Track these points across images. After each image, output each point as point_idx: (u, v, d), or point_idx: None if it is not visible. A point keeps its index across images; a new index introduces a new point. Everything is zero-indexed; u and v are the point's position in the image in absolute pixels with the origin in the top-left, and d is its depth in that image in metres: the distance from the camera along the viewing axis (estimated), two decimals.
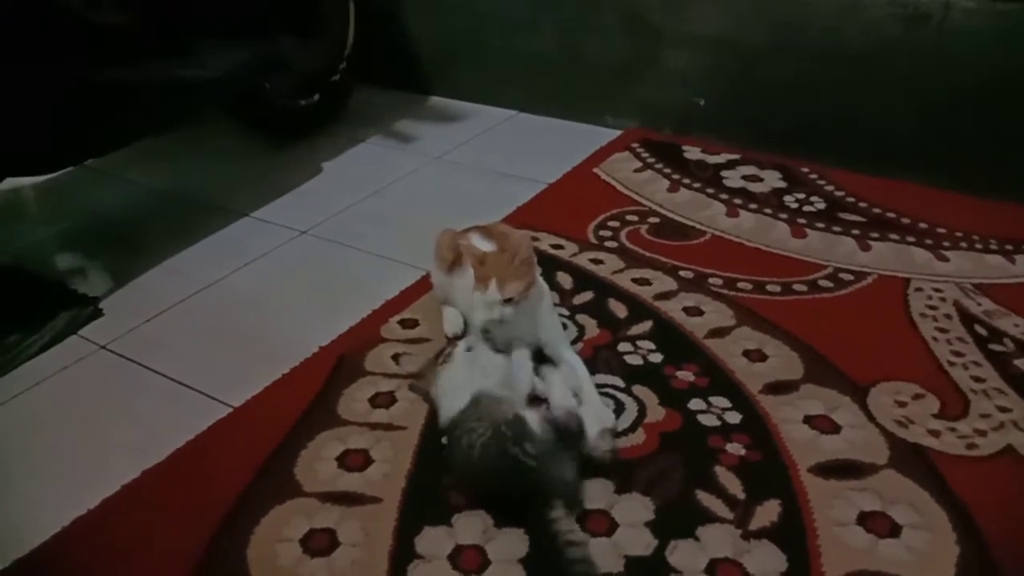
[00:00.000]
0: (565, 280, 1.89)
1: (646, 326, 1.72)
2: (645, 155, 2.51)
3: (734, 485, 1.32)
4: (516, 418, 1.28)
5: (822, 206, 2.19)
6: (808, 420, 1.46)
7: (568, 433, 1.30)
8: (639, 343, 1.67)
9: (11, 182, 2.44)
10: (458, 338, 1.66)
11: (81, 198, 2.49)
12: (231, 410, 1.54)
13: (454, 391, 1.39)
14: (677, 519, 1.26)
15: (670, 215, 2.17)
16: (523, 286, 1.45)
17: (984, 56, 2.12)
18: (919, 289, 1.83)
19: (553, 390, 1.48)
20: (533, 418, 1.30)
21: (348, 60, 2.80)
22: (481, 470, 1.27)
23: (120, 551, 1.27)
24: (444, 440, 1.38)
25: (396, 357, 1.65)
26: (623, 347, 1.66)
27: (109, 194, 2.51)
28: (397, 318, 1.78)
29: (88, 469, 1.44)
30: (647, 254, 1.99)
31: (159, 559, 1.25)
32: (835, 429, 1.44)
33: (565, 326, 1.70)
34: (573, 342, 1.66)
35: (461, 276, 1.64)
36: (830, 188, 2.28)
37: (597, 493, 1.31)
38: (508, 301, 1.44)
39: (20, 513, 1.36)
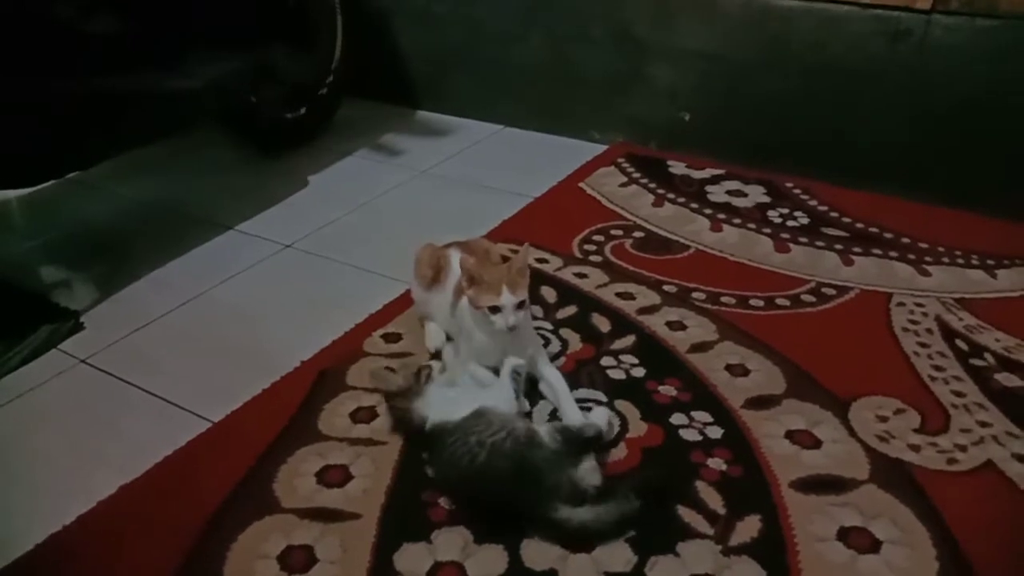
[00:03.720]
0: (549, 294, 1.89)
1: (629, 340, 1.72)
2: (630, 170, 2.52)
3: (715, 500, 1.32)
4: (530, 430, 1.32)
5: (805, 221, 2.20)
6: (790, 435, 1.46)
7: (583, 439, 1.34)
8: (622, 357, 1.67)
9: None
10: (439, 352, 1.66)
11: (65, 210, 2.48)
12: (211, 425, 1.53)
13: (450, 402, 1.39)
14: (657, 535, 1.26)
15: (655, 229, 2.18)
16: (526, 291, 1.47)
17: (966, 72, 2.14)
18: (901, 304, 1.83)
19: (562, 402, 1.49)
20: (545, 430, 1.33)
21: (335, 73, 2.80)
22: (486, 470, 1.26)
23: (96, 567, 1.26)
24: (430, 448, 1.38)
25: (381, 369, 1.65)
26: (606, 361, 1.66)
27: (93, 206, 2.50)
28: (380, 332, 1.77)
29: (65, 484, 1.43)
30: (631, 268, 2.00)
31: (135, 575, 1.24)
32: (816, 444, 1.44)
33: (548, 341, 1.70)
34: (556, 356, 1.66)
35: (441, 292, 1.64)
36: (814, 203, 2.29)
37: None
38: (520, 305, 1.45)
39: None
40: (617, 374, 1.62)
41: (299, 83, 2.73)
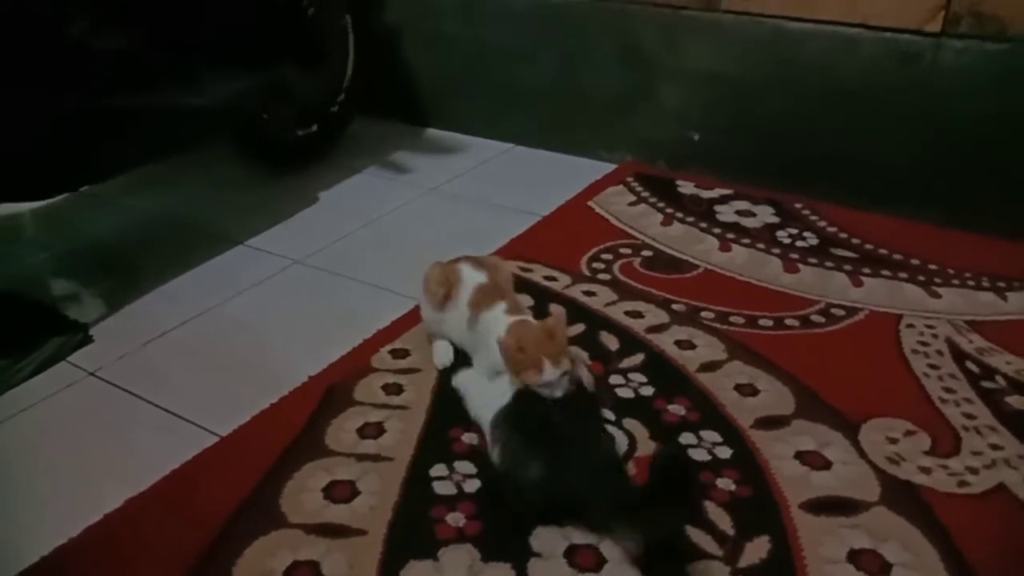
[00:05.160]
0: (558, 312, 1.89)
1: (638, 359, 1.72)
2: (639, 189, 2.52)
3: (724, 521, 1.31)
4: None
5: (815, 242, 2.20)
6: (799, 456, 1.45)
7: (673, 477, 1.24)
8: (630, 376, 1.67)
9: (7, 207, 2.46)
10: (447, 370, 1.65)
11: (76, 223, 2.50)
12: (218, 439, 1.53)
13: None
14: (666, 555, 1.25)
15: (663, 249, 2.18)
16: (569, 359, 1.42)
17: (976, 95, 2.14)
18: (911, 325, 1.83)
19: None
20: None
21: (347, 91, 2.82)
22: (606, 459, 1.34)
23: None
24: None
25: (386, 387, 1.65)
26: (614, 380, 1.65)
27: (104, 219, 2.52)
28: (388, 348, 1.77)
29: (72, 497, 1.43)
30: (640, 287, 1.99)
31: None
32: (826, 465, 1.43)
33: None
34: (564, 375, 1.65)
35: (455, 308, 1.63)
36: (823, 224, 2.29)
37: (585, 528, 1.29)
38: (565, 373, 1.41)
39: (1, 541, 1.35)
40: (626, 393, 1.62)
41: (310, 101, 2.75)
